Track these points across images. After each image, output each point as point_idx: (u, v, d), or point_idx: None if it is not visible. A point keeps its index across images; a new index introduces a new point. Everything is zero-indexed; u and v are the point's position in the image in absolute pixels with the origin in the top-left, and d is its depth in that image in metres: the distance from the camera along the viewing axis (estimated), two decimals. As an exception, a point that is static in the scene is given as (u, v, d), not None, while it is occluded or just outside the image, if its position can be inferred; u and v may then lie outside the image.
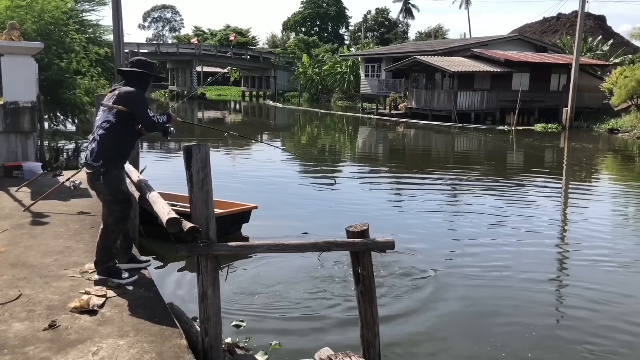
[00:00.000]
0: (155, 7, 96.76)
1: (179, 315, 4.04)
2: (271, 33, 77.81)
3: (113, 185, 4.10)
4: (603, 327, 5.30)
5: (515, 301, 5.92)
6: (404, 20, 75.08)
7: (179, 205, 7.16)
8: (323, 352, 3.97)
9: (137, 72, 4.30)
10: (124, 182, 4.27)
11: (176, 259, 6.56)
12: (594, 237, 8.40)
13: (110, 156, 4.08)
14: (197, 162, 3.11)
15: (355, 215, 8.67)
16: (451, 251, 7.58)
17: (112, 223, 4.17)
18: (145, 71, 4.34)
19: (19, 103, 8.35)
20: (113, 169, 4.10)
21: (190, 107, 41.37)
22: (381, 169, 16.05)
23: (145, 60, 4.42)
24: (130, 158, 5.71)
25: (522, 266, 6.96)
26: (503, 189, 12.51)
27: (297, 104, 44.21)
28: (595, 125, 27.07)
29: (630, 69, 26.98)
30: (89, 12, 15.33)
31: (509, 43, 34.64)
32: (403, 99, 32.86)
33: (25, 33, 10.30)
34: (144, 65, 4.37)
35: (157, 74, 4.63)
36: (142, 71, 4.32)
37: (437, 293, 6.03)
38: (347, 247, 3.67)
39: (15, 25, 8.52)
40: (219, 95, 57.26)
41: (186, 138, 17.65)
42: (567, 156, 19.39)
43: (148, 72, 4.36)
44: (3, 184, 7.50)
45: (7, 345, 3.17)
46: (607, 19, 52.98)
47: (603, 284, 6.37)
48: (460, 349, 4.89)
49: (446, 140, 23.68)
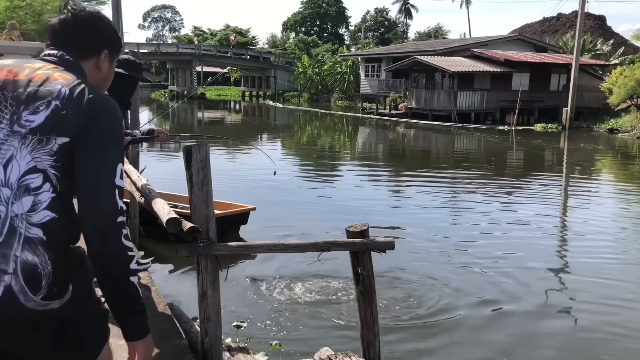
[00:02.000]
0: (155, 7, 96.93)
1: (179, 315, 4.04)
2: (271, 33, 77.91)
3: None
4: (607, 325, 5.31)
5: (517, 299, 5.91)
6: (403, 21, 75.19)
7: (180, 207, 7.15)
8: (323, 352, 3.97)
9: (121, 74, 3.84)
10: None
11: (176, 259, 6.56)
12: (594, 236, 8.40)
13: None
14: (197, 162, 3.11)
15: (356, 215, 8.66)
16: (451, 251, 7.57)
17: None
18: (132, 74, 3.86)
19: (18, 103, 8.35)
20: None
21: (190, 107, 41.37)
22: (381, 169, 16.05)
23: (132, 61, 3.92)
24: (130, 158, 5.73)
25: (523, 264, 6.95)
26: (503, 188, 12.50)
27: (297, 104, 44.21)
28: (595, 125, 27.07)
29: (630, 68, 26.99)
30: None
31: (509, 43, 34.66)
32: (403, 99, 32.87)
33: (25, 33, 10.31)
34: (130, 66, 3.87)
35: (143, 77, 4.08)
36: (126, 74, 3.83)
37: (438, 293, 6.03)
38: (347, 247, 3.66)
39: (15, 25, 8.53)
40: (219, 95, 57.26)
41: (186, 138, 17.63)
42: (566, 156, 19.39)
43: (135, 76, 3.88)
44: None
45: (6, 345, 3.16)
46: (607, 19, 53.04)
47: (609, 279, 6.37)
48: (460, 348, 4.89)
49: (446, 140, 23.69)
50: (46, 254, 1.41)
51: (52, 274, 1.40)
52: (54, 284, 1.41)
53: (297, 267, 6.50)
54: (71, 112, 1.42)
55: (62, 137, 1.41)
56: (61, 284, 1.42)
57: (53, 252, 1.42)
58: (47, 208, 1.42)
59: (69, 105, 1.42)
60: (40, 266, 1.39)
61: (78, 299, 1.45)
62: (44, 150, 1.41)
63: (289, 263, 6.56)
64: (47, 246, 1.41)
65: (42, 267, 1.40)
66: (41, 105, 1.42)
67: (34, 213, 1.41)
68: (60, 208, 1.44)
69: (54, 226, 1.42)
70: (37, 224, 1.41)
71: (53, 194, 1.43)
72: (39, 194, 1.41)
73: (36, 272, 1.39)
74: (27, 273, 1.38)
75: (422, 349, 4.83)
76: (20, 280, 1.38)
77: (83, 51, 1.59)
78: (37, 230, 1.40)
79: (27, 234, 1.40)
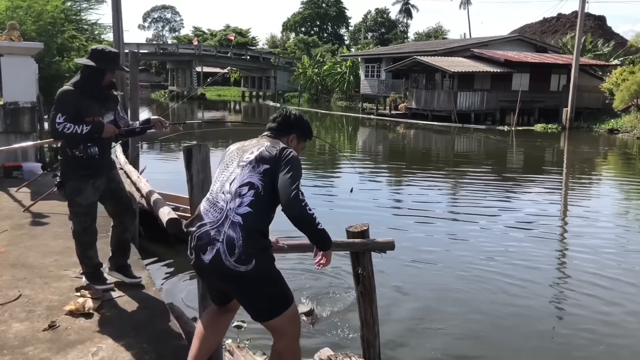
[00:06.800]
0: (155, 7, 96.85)
1: (179, 315, 4.03)
2: (271, 33, 77.91)
3: (69, 197, 3.82)
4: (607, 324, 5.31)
5: (518, 299, 5.92)
6: (403, 21, 75.21)
7: (181, 209, 7.14)
8: (323, 352, 3.97)
9: (85, 65, 3.75)
10: (82, 193, 3.78)
11: (176, 260, 6.55)
12: (594, 235, 8.40)
13: (62, 164, 3.82)
14: (197, 162, 3.10)
15: (355, 215, 8.66)
16: (451, 251, 7.57)
17: (73, 233, 3.92)
18: (94, 64, 3.67)
19: (18, 103, 8.34)
20: (68, 180, 3.79)
21: (190, 108, 41.36)
22: (381, 169, 16.04)
23: (99, 51, 3.73)
24: (130, 159, 5.73)
25: (523, 264, 6.95)
26: (503, 188, 12.50)
27: (297, 104, 44.19)
28: (595, 125, 27.06)
29: (629, 69, 26.99)
30: (88, 11, 15.36)
31: (509, 43, 34.66)
32: (403, 99, 32.85)
33: (25, 33, 10.30)
34: (94, 55, 3.71)
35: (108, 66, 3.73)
36: (86, 65, 3.71)
37: (438, 293, 6.03)
38: (347, 247, 3.66)
39: (15, 26, 8.51)
40: (219, 95, 57.25)
41: (186, 138, 17.63)
42: (566, 157, 19.38)
43: (95, 66, 3.67)
44: (3, 185, 7.50)
45: (7, 345, 3.17)
46: (607, 19, 53.03)
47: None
48: (461, 348, 4.89)
49: (446, 140, 23.68)
50: (241, 233, 2.43)
51: (242, 246, 2.41)
52: (241, 254, 2.40)
53: (297, 267, 6.50)
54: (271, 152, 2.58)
55: (265, 164, 2.54)
56: (247, 255, 2.41)
57: (245, 233, 2.43)
58: (247, 205, 2.48)
59: (269, 149, 2.60)
60: (235, 239, 2.42)
61: (259, 271, 2.44)
62: (255, 171, 2.53)
63: (289, 263, 6.56)
64: (242, 228, 2.44)
65: (237, 240, 2.42)
66: (254, 150, 2.62)
67: (239, 208, 2.48)
68: (255, 206, 2.48)
69: (249, 216, 2.46)
70: (239, 214, 2.46)
71: (252, 197, 2.49)
72: (244, 197, 2.49)
73: (233, 243, 2.42)
74: (228, 242, 2.43)
75: (422, 349, 4.83)
76: (224, 246, 2.42)
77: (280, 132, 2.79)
78: (239, 217, 2.45)
79: (233, 219, 2.46)
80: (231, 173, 2.59)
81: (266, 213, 2.53)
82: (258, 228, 2.48)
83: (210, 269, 2.47)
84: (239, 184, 2.51)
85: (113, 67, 3.79)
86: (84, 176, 3.77)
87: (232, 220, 2.45)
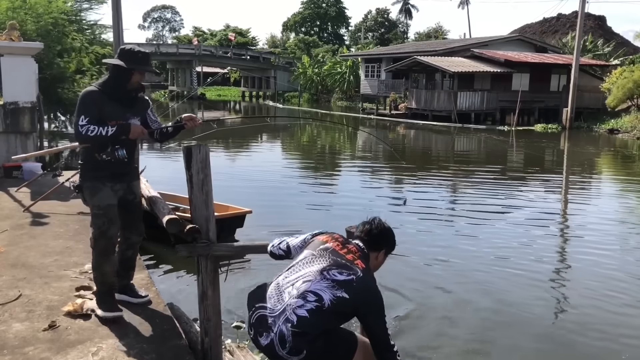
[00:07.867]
0: (155, 7, 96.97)
1: (179, 315, 4.03)
2: (271, 33, 77.94)
3: (88, 199, 3.61)
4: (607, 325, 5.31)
5: (518, 297, 5.91)
6: (403, 21, 75.24)
7: (181, 209, 7.14)
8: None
9: (111, 65, 3.57)
10: (98, 194, 3.54)
11: (176, 260, 6.55)
12: (594, 235, 8.40)
13: (82, 167, 3.62)
14: (197, 162, 3.11)
15: (355, 215, 8.66)
16: (451, 251, 7.56)
17: (90, 240, 3.65)
18: (122, 64, 3.46)
19: (19, 103, 8.35)
20: (85, 181, 3.59)
21: (190, 108, 41.35)
22: (381, 169, 16.04)
23: (127, 50, 3.55)
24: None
25: (523, 264, 6.95)
26: (503, 188, 12.50)
27: (297, 104, 44.19)
28: (595, 125, 27.05)
29: (629, 69, 26.98)
30: (88, 12, 15.36)
31: (509, 43, 34.67)
32: (403, 99, 32.86)
33: (25, 33, 10.30)
34: (122, 55, 3.53)
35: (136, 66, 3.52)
36: (115, 64, 3.51)
37: (438, 292, 6.03)
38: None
39: (15, 26, 8.52)
40: (219, 95, 57.20)
41: (186, 138, 17.64)
42: (566, 157, 19.38)
43: (124, 66, 3.46)
44: (3, 184, 7.50)
45: (7, 345, 3.17)
46: (607, 19, 52.97)
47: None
48: (461, 346, 4.89)
49: (446, 140, 23.68)
50: (291, 330, 2.48)
51: (292, 342, 2.48)
52: (292, 347, 2.48)
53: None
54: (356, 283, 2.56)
55: (345, 294, 2.52)
56: (298, 349, 2.48)
57: (294, 331, 2.48)
58: (307, 310, 2.50)
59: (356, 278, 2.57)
60: (286, 336, 2.49)
61: (311, 357, 2.49)
62: (330, 290, 2.51)
63: (288, 263, 6.54)
64: (294, 326, 2.48)
65: (287, 336, 2.48)
66: (345, 272, 2.58)
67: (298, 309, 2.50)
68: (313, 315, 2.48)
69: (304, 320, 2.48)
70: (297, 314, 2.50)
71: (314, 307, 2.49)
72: (307, 303, 2.50)
73: (284, 338, 2.49)
74: (280, 336, 2.50)
75: (422, 349, 4.82)
76: (277, 339, 2.51)
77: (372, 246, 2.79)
78: (294, 317, 2.49)
79: (289, 316, 2.50)
80: (309, 273, 2.60)
81: (322, 324, 2.52)
82: (309, 332, 2.50)
83: (267, 352, 2.60)
84: (309, 289, 2.53)
85: (142, 68, 3.54)
86: (102, 177, 3.53)
87: (288, 317, 2.50)
